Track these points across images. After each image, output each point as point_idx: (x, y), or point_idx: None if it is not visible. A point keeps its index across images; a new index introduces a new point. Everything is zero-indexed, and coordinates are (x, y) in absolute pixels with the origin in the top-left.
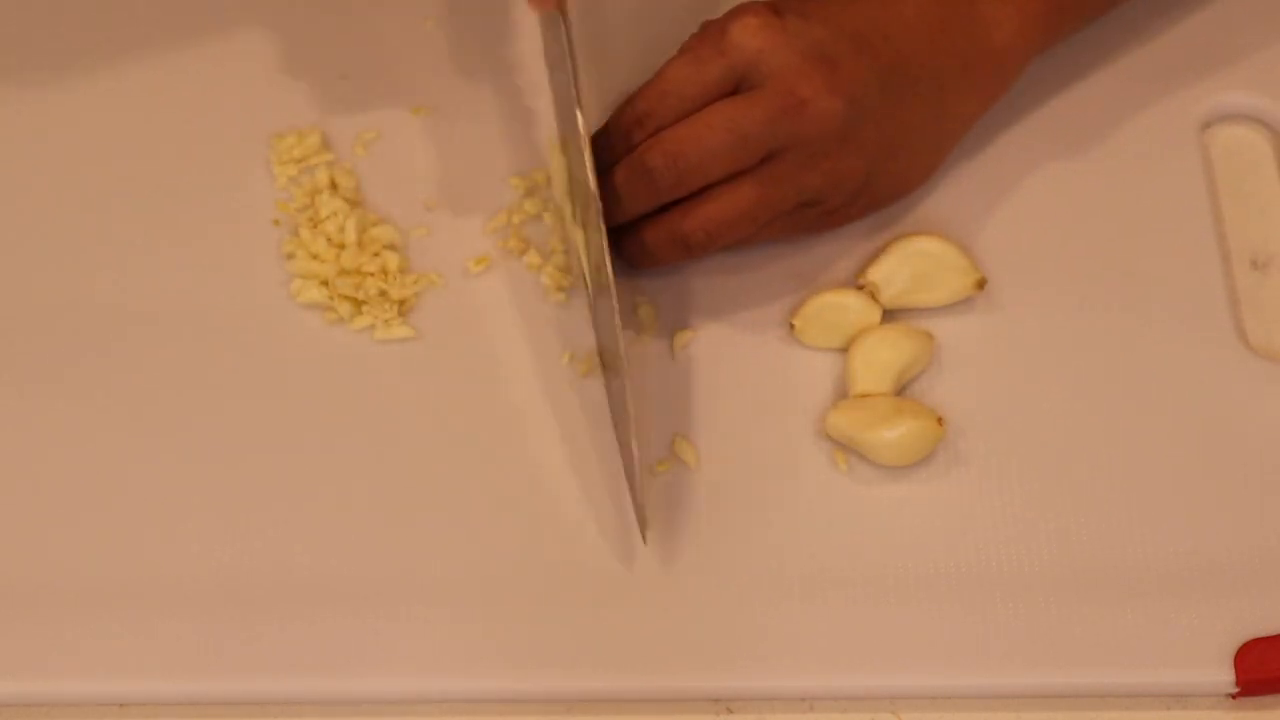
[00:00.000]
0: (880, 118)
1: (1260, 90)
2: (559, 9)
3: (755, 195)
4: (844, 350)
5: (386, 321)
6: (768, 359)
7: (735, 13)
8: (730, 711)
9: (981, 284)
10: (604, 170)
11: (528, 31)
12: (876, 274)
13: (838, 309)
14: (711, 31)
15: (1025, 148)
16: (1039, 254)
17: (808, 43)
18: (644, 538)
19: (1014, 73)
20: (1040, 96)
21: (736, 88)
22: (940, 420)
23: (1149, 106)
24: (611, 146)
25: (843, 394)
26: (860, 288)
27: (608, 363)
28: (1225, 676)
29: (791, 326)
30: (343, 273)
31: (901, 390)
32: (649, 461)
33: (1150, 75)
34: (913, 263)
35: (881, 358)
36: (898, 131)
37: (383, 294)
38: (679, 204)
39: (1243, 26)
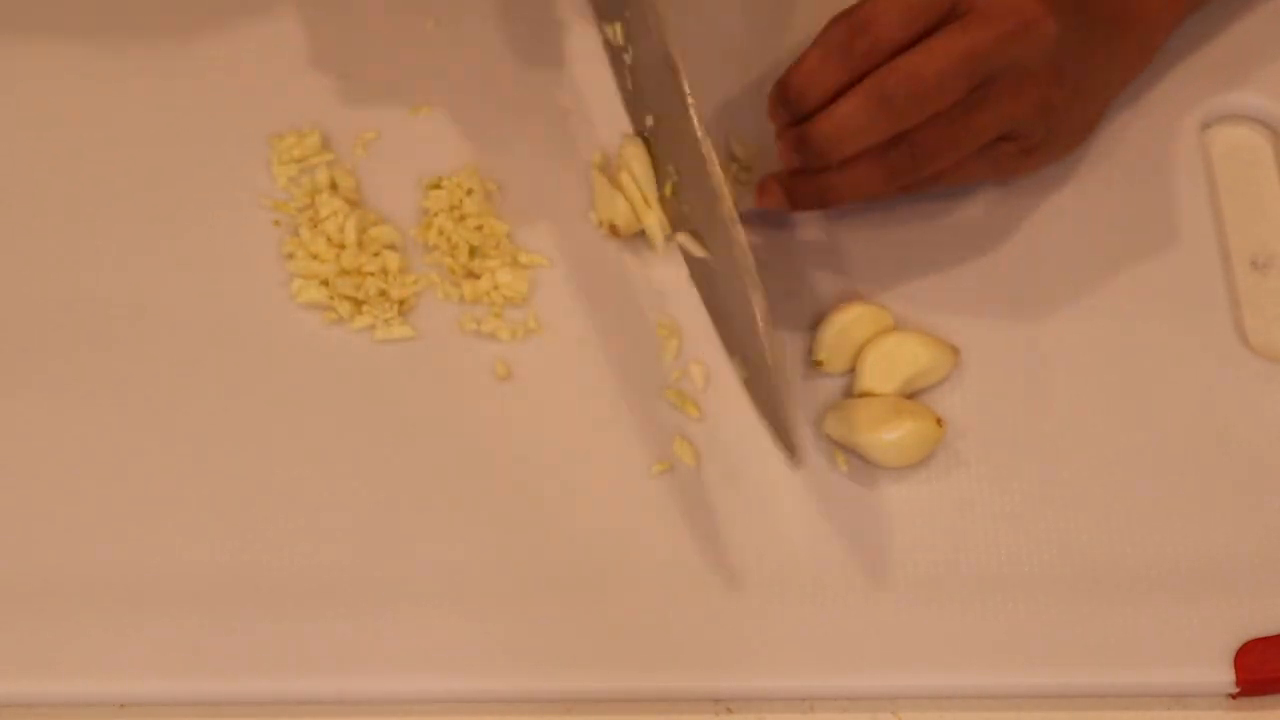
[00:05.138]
0: (1075, 54)
1: (1260, 90)
2: None
3: (964, 118)
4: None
5: (386, 321)
6: None
7: None
8: (730, 711)
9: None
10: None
11: (528, 32)
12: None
13: (853, 324)
14: None
15: None
16: (1039, 254)
17: None
18: (793, 458)
19: (1158, 43)
20: None
21: (950, 12)
22: (940, 421)
23: (1149, 106)
24: (824, 58)
25: (845, 392)
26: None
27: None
28: (1225, 676)
29: (818, 363)
30: (343, 273)
31: (910, 395)
32: (647, 462)
33: (1150, 75)
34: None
35: (893, 359)
36: (1084, 73)
37: (383, 294)
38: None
39: (1242, 27)
